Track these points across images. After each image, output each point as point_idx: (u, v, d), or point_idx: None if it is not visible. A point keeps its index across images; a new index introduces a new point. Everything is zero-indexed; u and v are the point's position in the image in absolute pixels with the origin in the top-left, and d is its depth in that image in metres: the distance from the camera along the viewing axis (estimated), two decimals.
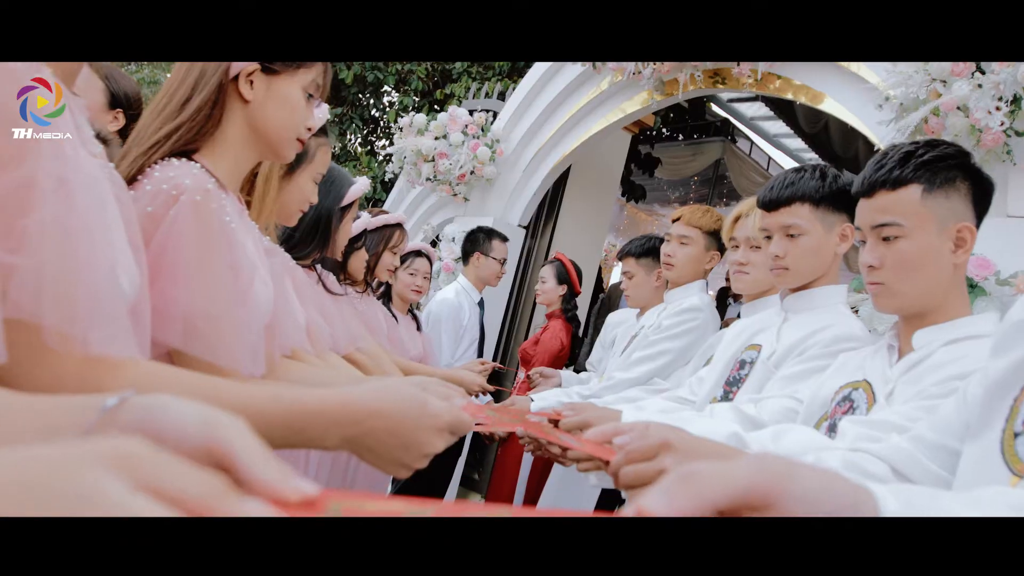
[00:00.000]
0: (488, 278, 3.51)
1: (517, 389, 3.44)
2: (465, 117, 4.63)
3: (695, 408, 1.60)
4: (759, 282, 1.86)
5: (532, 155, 4.59)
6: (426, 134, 4.68)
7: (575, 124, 4.50)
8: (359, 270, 2.21)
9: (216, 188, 0.97)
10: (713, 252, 2.24)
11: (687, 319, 2.17)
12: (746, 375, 1.49)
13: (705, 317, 2.18)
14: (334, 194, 1.71)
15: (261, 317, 1.04)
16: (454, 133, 4.59)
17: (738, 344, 1.59)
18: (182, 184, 0.91)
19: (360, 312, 2.40)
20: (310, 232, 1.67)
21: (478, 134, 4.59)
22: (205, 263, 0.90)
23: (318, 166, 1.44)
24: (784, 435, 1.02)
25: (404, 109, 5.60)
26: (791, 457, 0.42)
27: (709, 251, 2.24)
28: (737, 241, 1.89)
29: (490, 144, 4.55)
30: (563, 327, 3.54)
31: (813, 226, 1.45)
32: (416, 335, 2.96)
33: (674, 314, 2.19)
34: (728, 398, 1.50)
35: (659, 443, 0.78)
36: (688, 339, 2.16)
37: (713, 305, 2.26)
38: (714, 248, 2.24)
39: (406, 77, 6.90)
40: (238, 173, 1.09)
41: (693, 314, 2.17)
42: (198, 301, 0.88)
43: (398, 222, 2.59)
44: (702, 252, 2.24)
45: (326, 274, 1.85)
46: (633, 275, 2.59)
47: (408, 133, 4.77)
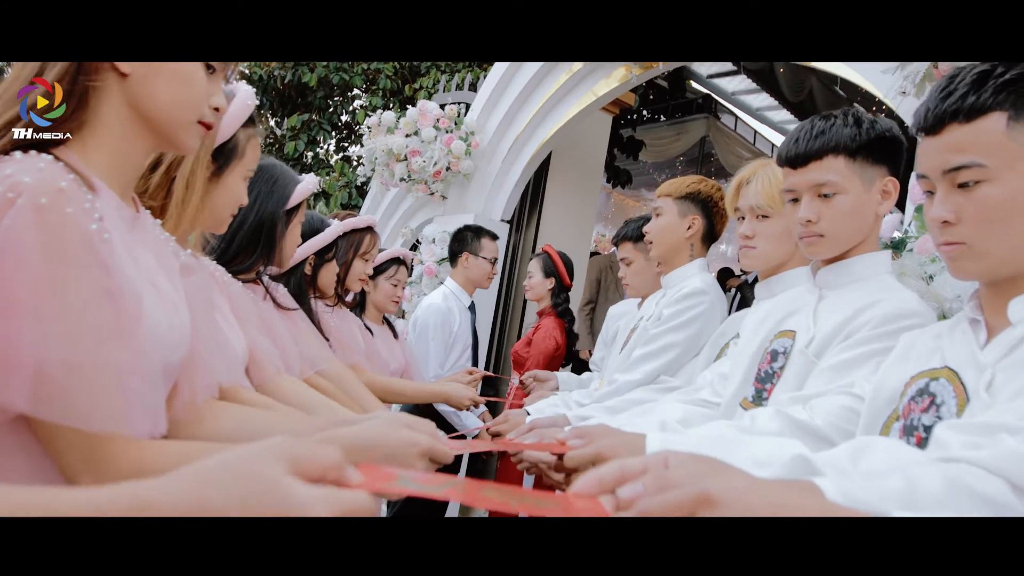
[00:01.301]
0: (479, 279, 3.26)
1: (512, 396, 3.19)
2: (436, 111, 4.38)
3: (721, 413, 1.36)
4: (769, 256, 1.62)
5: (509, 145, 4.34)
6: (396, 132, 4.43)
7: (551, 108, 4.25)
8: (330, 284, 1.95)
9: (77, 187, 0.71)
10: (691, 217, 1.99)
11: (691, 305, 1.91)
12: (780, 368, 1.25)
13: (711, 300, 1.92)
14: (278, 195, 1.45)
15: (161, 356, 0.78)
16: (425, 128, 4.33)
17: (765, 331, 1.35)
18: (20, 183, 0.66)
19: (333, 328, 2.15)
20: (251, 240, 1.41)
21: (451, 127, 4.34)
22: (58, 289, 0.65)
23: (249, 162, 1.19)
24: (864, 454, 0.77)
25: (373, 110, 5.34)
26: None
27: (685, 217, 1.99)
28: (741, 211, 1.66)
29: (464, 137, 4.30)
30: (556, 324, 3.28)
31: (850, 182, 1.21)
32: (395, 345, 2.70)
33: (675, 301, 1.93)
34: (762, 398, 1.26)
35: (695, 500, 0.54)
36: (694, 328, 1.90)
37: (717, 285, 2.01)
38: (692, 213, 1.99)
39: (374, 77, 6.63)
40: (123, 168, 0.83)
41: (697, 299, 1.91)
42: (49, 344, 0.63)
43: (367, 225, 2.34)
44: (676, 219, 2.00)
45: (276, 287, 1.59)
46: (631, 261, 2.34)
47: (377, 132, 4.51)
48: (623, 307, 2.77)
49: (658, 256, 2.04)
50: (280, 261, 1.50)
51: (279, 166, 1.51)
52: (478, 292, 3.40)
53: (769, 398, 1.24)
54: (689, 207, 1.98)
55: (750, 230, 1.64)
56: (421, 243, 4.47)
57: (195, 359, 0.90)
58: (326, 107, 6.83)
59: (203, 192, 1.03)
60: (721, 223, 2.02)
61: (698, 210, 1.98)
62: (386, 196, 5.09)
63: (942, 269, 2.02)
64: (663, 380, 1.86)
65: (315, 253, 1.88)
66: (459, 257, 3.23)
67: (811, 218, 1.23)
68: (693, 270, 2.00)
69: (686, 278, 1.98)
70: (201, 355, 0.91)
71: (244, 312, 1.27)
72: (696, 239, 1.99)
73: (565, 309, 3.32)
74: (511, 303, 4.61)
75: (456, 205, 4.51)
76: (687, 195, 1.98)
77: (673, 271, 2.03)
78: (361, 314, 2.67)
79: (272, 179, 1.45)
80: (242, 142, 1.17)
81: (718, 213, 2.00)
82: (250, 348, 1.24)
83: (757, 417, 1.07)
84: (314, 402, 1.34)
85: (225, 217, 1.18)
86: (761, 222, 1.62)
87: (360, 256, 2.31)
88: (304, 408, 1.28)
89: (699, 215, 1.98)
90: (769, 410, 1.07)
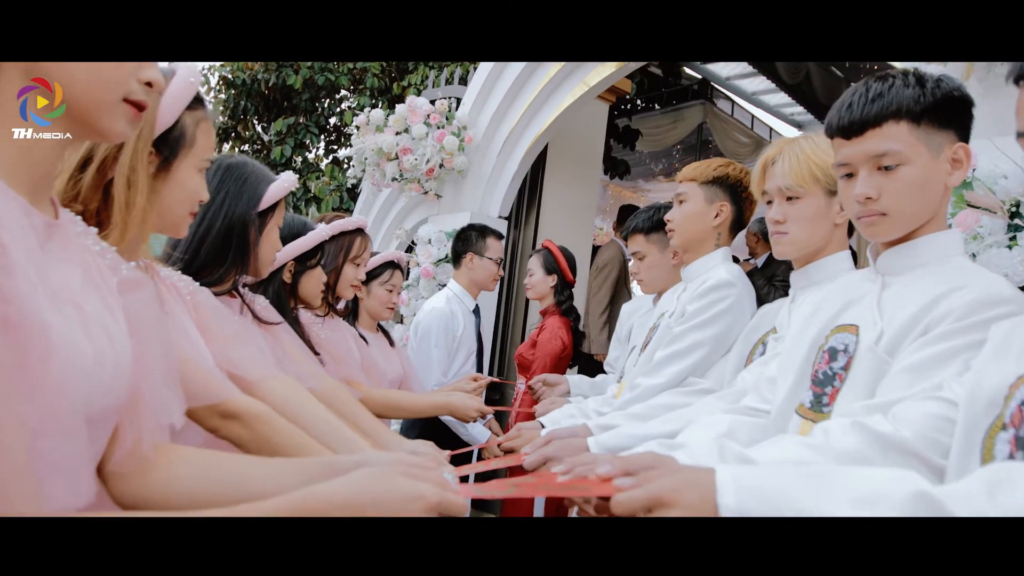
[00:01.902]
0: (484, 281, 3.07)
1: (518, 402, 3.01)
2: (426, 106, 4.20)
3: (772, 421, 1.18)
4: (803, 241, 1.45)
5: (504, 139, 4.17)
6: (385, 130, 4.25)
7: (545, 99, 4.08)
8: (314, 294, 1.76)
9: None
10: (719, 204, 1.80)
11: (717, 299, 1.73)
12: (842, 369, 1.07)
13: (739, 293, 1.74)
14: (248, 195, 1.27)
15: (85, 399, 0.60)
16: (416, 125, 4.15)
17: (818, 326, 1.17)
18: None
19: (324, 341, 1.97)
20: (221, 247, 1.23)
21: (442, 123, 4.15)
22: None
23: (202, 150, 1.01)
24: (1003, 488, 0.60)
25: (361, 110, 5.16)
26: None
27: (713, 203, 1.81)
28: (769, 194, 1.49)
29: (457, 132, 4.11)
30: (561, 323, 3.08)
31: (915, 151, 1.03)
32: (392, 354, 2.52)
33: (700, 295, 1.75)
34: (822, 404, 1.08)
35: None
36: (723, 324, 1.72)
37: (744, 276, 1.83)
38: (720, 199, 1.81)
39: (360, 76, 6.43)
40: (31, 163, 0.65)
41: (724, 292, 1.73)
42: None
43: (357, 227, 2.16)
44: (703, 205, 1.81)
45: (255, 299, 1.41)
46: (644, 255, 2.15)
47: (366, 132, 4.33)
48: (636, 303, 2.59)
49: (681, 245, 1.86)
50: (256, 269, 1.32)
51: (250, 164, 1.33)
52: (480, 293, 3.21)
53: (833, 404, 1.06)
54: (716, 193, 1.80)
55: (780, 214, 1.46)
56: (417, 244, 4.29)
57: (139, 396, 0.72)
58: (313, 109, 6.63)
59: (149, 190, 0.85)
60: (750, 209, 1.84)
61: (726, 196, 1.80)
62: (378, 198, 4.91)
63: (987, 247, 1.85)
64: (692, 382, 1.68)
65: (295, 259, 1.69)
66: (463, 258, 3.04)
67: (871, 194, 1.05)
68: (716, 260, 1.82)
69: (709, 269, 1.80)
70: (147, 390, 0.72)
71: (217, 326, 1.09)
72: (724, 227, 1.81)
73: (570, 307, 3.13)
74: (513, 303, 4.43)
75: (451, 203, 4.33)
76: (714, 179, 1.80)
77: (694, 262, 1.85)
78: (354, 322, 2.49)
79: (242, 177, 1.27)
80: (190, 127, 0.99)
81: (747, 199, 1.82)
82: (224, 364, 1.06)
83: (830, 431, 0.89)
84: (309, 411, 1.16)
85: (181, 217, 1.00)
86: (792, 204, 1.45)
87: (351, 261, 2.13)
88: (297, 418, 1.10)
89: (727, 201, 1.80)
90: (843, 422, 0.89)
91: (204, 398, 0.95)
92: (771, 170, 1.49)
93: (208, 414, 0.97)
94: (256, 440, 0.99)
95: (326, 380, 1.44)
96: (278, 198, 1.33)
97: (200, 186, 1.01)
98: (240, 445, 1.00)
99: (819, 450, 0.86)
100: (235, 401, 1.00)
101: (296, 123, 6.35)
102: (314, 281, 1.75)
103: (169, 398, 0.75)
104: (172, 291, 1.05)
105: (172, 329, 0.93)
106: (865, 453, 0.84)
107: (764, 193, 1.52)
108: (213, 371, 1.00)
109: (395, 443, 1.34)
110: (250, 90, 6.33)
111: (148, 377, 0.72)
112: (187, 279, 1.11)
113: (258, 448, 0.99)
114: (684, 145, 7.78)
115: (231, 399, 0.99)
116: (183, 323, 1.01)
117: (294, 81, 6.12)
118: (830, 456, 0.84)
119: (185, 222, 1.01)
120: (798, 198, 1.44)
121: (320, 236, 1.74)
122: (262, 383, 1.11)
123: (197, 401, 0.94)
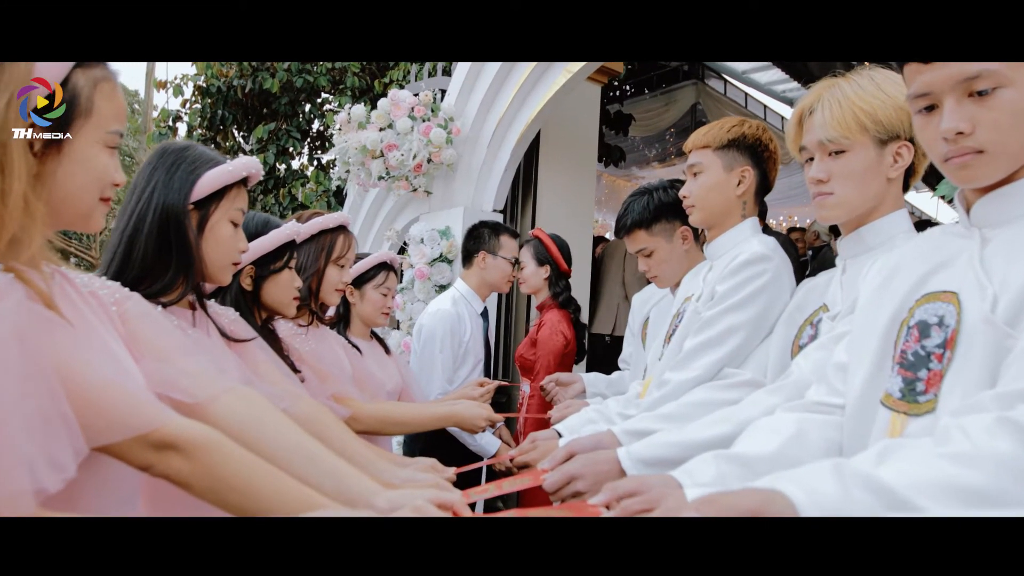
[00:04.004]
0: (497, 282, 2.84)
1: (525, 407, 2.79)
2: (409, 99, 3.97)
3: (849, 417, 0.97)
4: (852, 202, 1.25)
5: (493, 128, 3.94)
6: (368, 127, 4.02)
7: (535, 82, 3.86)
8: (283, 302, 1.53)
9: None
10: (741, 169, 1.58)
11: (752, 276, 1.50)
12: (939, 348, 0.85)
13: (776, 267, 1.51)
14: (180, 183, 1.04)
15: None
16: (400, 119, 3.93)
17: (898, 298, 0.95)
18: None
19: (308, 354, 1.75)
20: (158, 248, 1.01)
21: (427, 115, 3.93)
22: None
23: (106, 120, 0.79)
24: None
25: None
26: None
27: (733, 170, 1.58)
28: (809, 150, 1.28)
29: (443, 124, 3.89)
30: (560, 317, 2.86)
31: (1017, 71, 0.82)
32: (388, 362, 2.30)
33: (731, 272, 1.52)
34: (916, 392, 0.86)
35: None
36: (760, 304, 1.49)
37: (780, 247, 1.61)
38: (741, 164, 1.59)
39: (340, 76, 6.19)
40: None
41: (758, 267, 1.50)
42: None
43: (338, 224, 1.94)
44: (722, 174, 1.59)
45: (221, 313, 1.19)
46: (652, 250, 1.89)
47: (348, 130, 4.10)
48: (650, 291, 2.37)
49: (703, 222, 1.64)
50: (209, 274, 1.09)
51: (192, 148, 1.11)
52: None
53: (933, 391, 0.84)
54: (736, 157, 1.59)
55: (823, 171, 1.26)
56: (409, 245, 4.07)
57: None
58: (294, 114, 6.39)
59: (28, 173, 0.64)
60: (774, 170, 1.62)
61: (747, 159, 1.58)
62: (366, 199, 4.69)
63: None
64: (729, 373, 1.46)
65: (255, 263, 1.46)
66: (475, 257, 2.82)
67: (962, 128, 0.84)
68: (746, 232, 1.60)
69: (739, 243, 1.58)
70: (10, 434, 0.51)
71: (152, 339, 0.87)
72: (749, 195, 1.59)
73: (567, 298, 2.90)
74: (513, 301, 4.21)
75: (442, 199, 4.11)
76: (731, 142, 1.58)
77: (719, 237, 1.63)
78: (346, 330, 2.27)
79: (173, 164, 1.05)
80: (84, 89, 0.76)
81: (770, 159, 1.60)
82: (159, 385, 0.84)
83: (970, 432, 0.67)
84: (276, 434, 0.92)
85: (88, 206, 0.79)
86: (836, 159, 1.24)
87: (334, 262, 1.91)
88: (260, 444, 0.88)
89: (749, 165, 1.58)
90: (983, 420, 0.67)
91: (128, 428, 0.73)
92: (809, 121, 1.28)
93: (137, 448, 0.76)
94: (202, 475, 0.77)
95: (305, 402, 1.22)
96: (221, 185, 1.09)
97: (110, 165, 0.79)
98: (182, 483, 0.78)
99: (971, 462, 0.64)
100: (170, 427, 0.78)
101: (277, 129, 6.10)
102: (281, 287, 1.51)
103: (35, 451, 0.53)
104: (90, 301, 0.83)
105: (79, 347, 0.71)
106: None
107: (802, 150, 1.31)
108: (140, 394, 0.78)
109: (388, 472, 1.12)
110: (226, 98, 6.07)
111: (14, 418, 0.50)
112: (113, 285, 0.90)
113: (206, 486, 0.78)
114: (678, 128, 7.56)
115: (165, 425, 0.78)
116: (102, 339, 0.80)
117: (271, 85, 5.86)
118: (988, 468, 0.62)
119: (96, 212, 0.80)
120: (843, 151, 1.23)
121: (283, 235, 1.50)
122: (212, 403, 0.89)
123: (118, 434, 0.73)
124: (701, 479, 0.93)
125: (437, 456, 1.55)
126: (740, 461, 0.96)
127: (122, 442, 0.73)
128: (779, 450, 0.95)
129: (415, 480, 1.11)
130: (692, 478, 0.94)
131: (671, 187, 1.95)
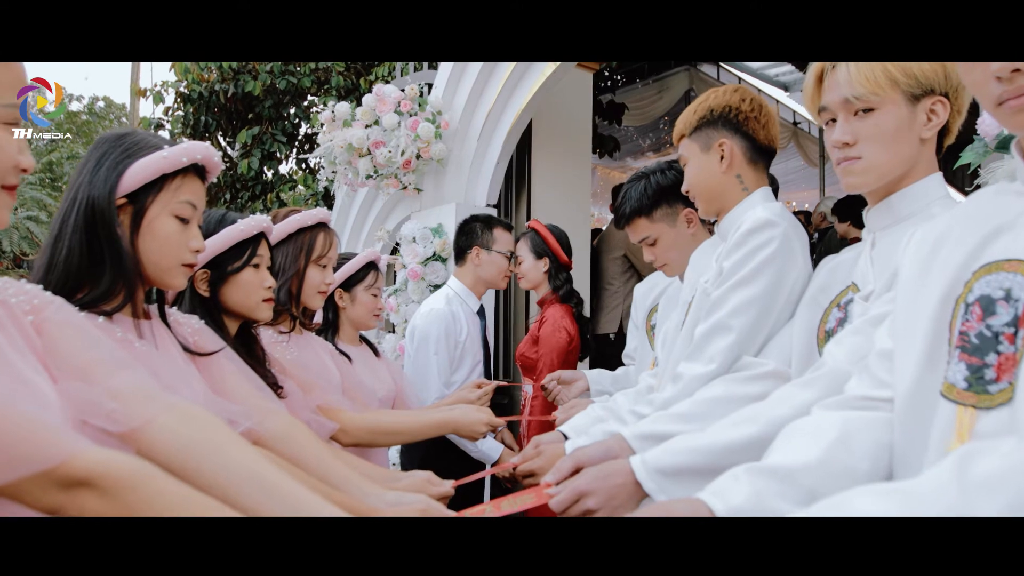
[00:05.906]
0: (493, 279, 2.70)
1: (527, 409, 2.65)
2: (395, 94, 3.83)
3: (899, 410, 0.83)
4: (883, 167, 1.12)
5: (483, 120, 3.81)
6: (354, 124, 3.88)
7: (524, 71, 3.73)
8: (249, 305, 1.38)
9: None
10: (718, 143, 1.43)
11: (758, 245, 1.33)
12: (1008, 326, 0.72)
13: (784, 232, 1.34)
14: (106, 174, 0.91)
15: None
16: (386, 115, 3.79)
17: (951, 271, 0.82)
18: None
19: (290, 364, 1.62)
20: (88, 249, 0.88)
21: (414, 110, 3.79)
22: None
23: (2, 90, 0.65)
24: None
25: None
26: None
27: (710, 149, 1.45)
28: (831, 111, 1.15)
29: (431, 118, 3.75)
30: (562, 312, 2.71)
31: None
32: (379, 367, 2.17)
33: (736, 245, 1.36)
34: (985, 380, 0.73)
35: None
36: (770, 274, 1.32)
37: (789, 213, 1.47)
38: (716, 138, 1.44)
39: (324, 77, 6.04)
40: None
41: (764, 234, 1.33)
42: None
43: (318, 221, 1.80)
44: (702, 156, 1.47)
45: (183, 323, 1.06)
46: (656, 239, 1.78)
47: (333, 128, 3.96)
48: (653, 281, 2.24)
49: (707, 211, 1.53)
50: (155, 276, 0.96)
51: (132, 135, 0.97)
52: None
53: (1007, 378, 0.71)
54: (710, 134, 1.47)
55: (849, 133, 1.13)
56: (401, 244, 3.94)
57: None
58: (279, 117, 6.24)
59: None
60: (764, 130, 1.48)
61: (722, 131, 1.46)
62: (355, 200, 4.56)
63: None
64: (749, 363, 1.32)
65: (209, 265, 1.32)
66: (468, 253, 2.68)
67: None
68: (754, 201, 1.47)
69: (746, 212, 1.45)
70: None
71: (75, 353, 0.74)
72: (740, 165, 1.47)
73: (569, 291, 2.76)
74: (512, 298, 4.08)
75: (434, 196, 3.98)
76: (701, 121, 1.48)
77: (726, 216, 1.51)
78: (334, 337, 2.14)
79: (104, 154, 0.92)
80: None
81: (751, 120, 1.46)
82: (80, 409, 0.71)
83: None
84: (224, 459, 0.78)
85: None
86: (864, 119, 1.11)
87: (315, 262, 1.78)
88: (202, 473, 0.73)
89: (726, 136, 1.45)
90: None
91: (24, 464, 0.60)
92: (831, 78, 1.14)
93: (38, 488, 0.62)
94: (123, 516, 0.63)
95: (277, 419, 1.08)
96: (157, 174, 0.95)
97: (18, 146, 0.66)
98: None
99: None
100: (81, 461, 0.65)
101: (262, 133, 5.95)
102: (243, 289, 1.37)
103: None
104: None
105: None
106: None
107: (821, 111, 1.18)
108: (42, 421, 0.65)
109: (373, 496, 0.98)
110: (209, 103, 5.92)
111: None
112: (32, 291, 0.76)
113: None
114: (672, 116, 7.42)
115: (73, 458, 0.64)
116: (6, 356, 0.66)
117: (253, 87, 5.70)
118: None
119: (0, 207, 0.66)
120: (872, 110, 1.10)
121: (239, 231, 1.35)
122: (145, 428, 0.75)
123: (18, 470, 0.59)
124: (734, 501, 0.79)
125: (437, 464, 1.43)
126: (780, 475, 0.81)
127: (17, 482, 0.60)
128: (824, 457, 0.81)
129: (401, 506, 0.97)
130: (724, 501, 0.80)
131: (669, 169, 1.82)
